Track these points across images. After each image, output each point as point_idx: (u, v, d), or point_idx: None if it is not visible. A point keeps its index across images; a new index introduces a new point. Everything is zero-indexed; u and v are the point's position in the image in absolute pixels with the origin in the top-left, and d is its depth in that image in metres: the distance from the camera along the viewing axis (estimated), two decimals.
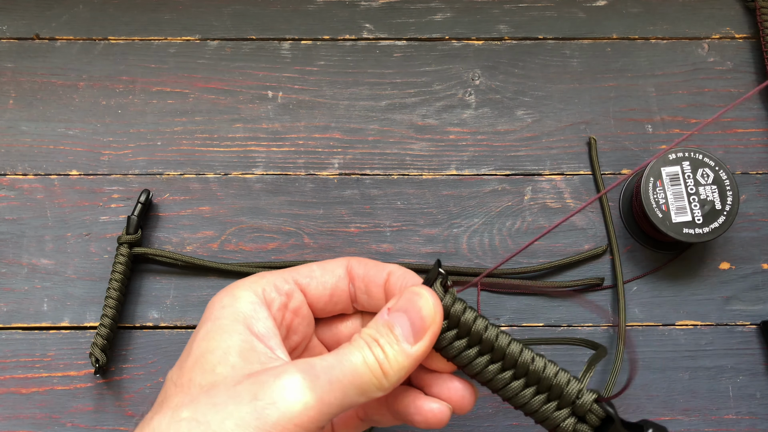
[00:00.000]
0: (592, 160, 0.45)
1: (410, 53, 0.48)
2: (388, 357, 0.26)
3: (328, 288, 0.31)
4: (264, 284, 0.29)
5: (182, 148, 0.46)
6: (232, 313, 0.28)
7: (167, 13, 0.49)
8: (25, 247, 0.44)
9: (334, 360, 0.26)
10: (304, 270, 0.31)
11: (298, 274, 0.31)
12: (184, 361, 0.27)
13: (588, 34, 0.49)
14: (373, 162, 0.46)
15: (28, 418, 0.42)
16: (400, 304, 0.27)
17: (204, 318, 0.29)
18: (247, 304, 0.28)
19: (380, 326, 0.27)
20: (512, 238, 0.45)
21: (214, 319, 0.28)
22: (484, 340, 0.27)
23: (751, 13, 0.49)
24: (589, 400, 0.25)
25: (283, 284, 0.30)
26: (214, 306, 0.29)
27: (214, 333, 0.27)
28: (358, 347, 0.26)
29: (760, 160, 0.46)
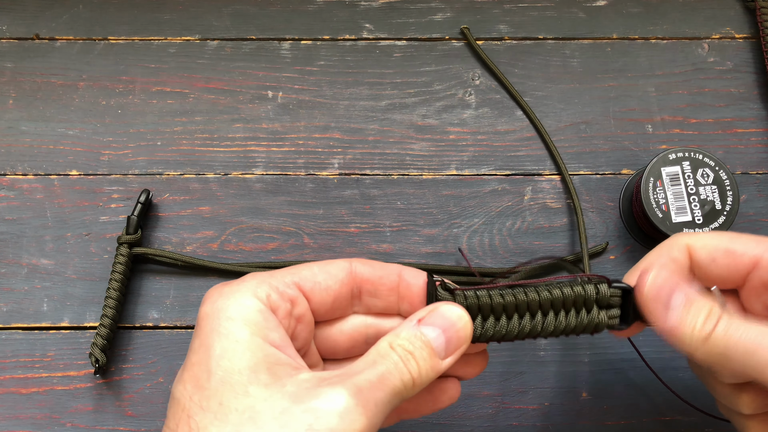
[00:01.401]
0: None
1: (410, 53, 0.48)
2: (420, 371, 0.27)
3: (332, 293, 0.30)
4: (267, 289, 0.28)
5: (182, 148, 0.46)
6: (244, 325, 0.26)
7: (167, 13, 0.49)
8: (25, 247, 0.44)
9: (374, 377, 0.25)
10: (306, 273, 0.29)
11: (301, 278, 0.29)
12: (205, 381, 0.25)
13: (588, 34, 0.49)
14: (373, 162, 0.46)
15: (28, 418, 0.42)
16: (434, 320, 0.28)
17: (208, 328, 0.26)
18: (256, 313, 0.27)
19: (414, 339, 0.27)
20: (512, 238, 0.45)
21: (226, 333, 0.26)
22: (507, 307, 0.29)
23: (751, 13, 0.49)
24: (607, 290, 0.29)
25: (287, 290, 0.28)
26: (218, 316, 0.27)
27: (234, 350, 0.26)
28: (394, 363, 0.26)
29: (760, 160, 0.46)
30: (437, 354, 0.27)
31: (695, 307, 0.27)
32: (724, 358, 0.27)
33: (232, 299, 0.27)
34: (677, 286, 0.28)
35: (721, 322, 0.27)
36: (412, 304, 0.30)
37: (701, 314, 0.27)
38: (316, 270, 0.30)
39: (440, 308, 0.28)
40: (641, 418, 0.42)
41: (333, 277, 0.29)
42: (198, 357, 0.26)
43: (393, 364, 0.26)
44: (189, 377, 0.26)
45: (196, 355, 0.26)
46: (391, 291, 0.30)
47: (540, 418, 0.42)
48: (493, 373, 0.42)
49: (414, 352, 0.27)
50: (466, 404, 0.42)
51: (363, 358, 0.27)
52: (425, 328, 0.27)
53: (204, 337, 0.26)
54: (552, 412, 0.42)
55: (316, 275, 0.29)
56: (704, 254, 0.29)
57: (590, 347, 0.43)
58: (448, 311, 0.28)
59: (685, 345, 0.27)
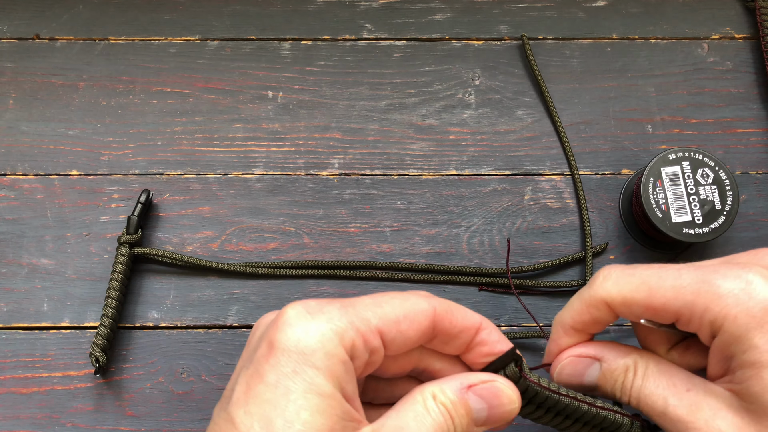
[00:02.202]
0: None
1: (410, 53, 0.48)
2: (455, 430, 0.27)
3: (409, 344, 0.27)
4: (354, 336, 0.25)
5: (182, 148, 0.46)
6: (329, 378, 0.25)
7: (167, 13, 0.49)
8: (25, 247, 0.44)
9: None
10: (390, 315, 0.27)
11: (385, 325, 0.26)
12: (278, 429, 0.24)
13: (588, 34, 0.49)
14: (373, 162, 0.46)
15: (28, 418, 0.42)
16: (483, 392, 0.27)
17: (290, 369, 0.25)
18: (341, 365, 0.25)
19: (458, 405, 0.27)
20: (512, 239, 0.45)
21: (310, 383, 0.24)
22: (557, 408, 0.30)
23: (751, 13, 0.49)
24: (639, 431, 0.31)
25: (372, 338, 0.26)
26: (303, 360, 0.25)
27: (317, 407, 0.24)
28: (438, 425, 0.26)
29: (760, 160, 0.46)
30: (475, 422, 0.27)
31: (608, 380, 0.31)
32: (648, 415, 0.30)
33: (320, 341, 0.25)
34: (582, 368, 0.31)
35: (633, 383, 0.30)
36: (476, 359, 0.29)
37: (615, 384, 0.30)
38: (400, 314, 0.27)
39: (497, 384, 0.28)
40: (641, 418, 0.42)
41: (416, 326, 0.27)
42: (273, 396, 0.24)
43: (438, 426, 0.26)
44: (259, 414, 0.24)
45: (272, 393, 0.24)
46: (464, 344, 0.29)
47: None
48: None
49: (455, 418, 0.27)
50: None
51: (410, 405, 0.26)
52: (473, 397, 0.27)
53: (283, 377, 0.24)
54: None
55: (401, 323, 0.27)
56: (626, 313, 0.30)
57: None
58: (503, 391, 0.28)
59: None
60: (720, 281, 0.27)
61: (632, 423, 0.30)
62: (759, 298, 0.26)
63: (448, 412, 0.26)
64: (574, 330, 0.31)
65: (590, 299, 0.30)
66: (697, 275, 0.28)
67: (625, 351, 0.31)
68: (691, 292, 0.27)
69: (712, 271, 0.27)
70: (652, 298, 0.28)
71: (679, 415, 0.28)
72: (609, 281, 0.29)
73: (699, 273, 0.28)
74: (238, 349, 0.43)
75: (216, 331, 0.43)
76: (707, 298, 0.27)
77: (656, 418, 0.29)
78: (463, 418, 0.27)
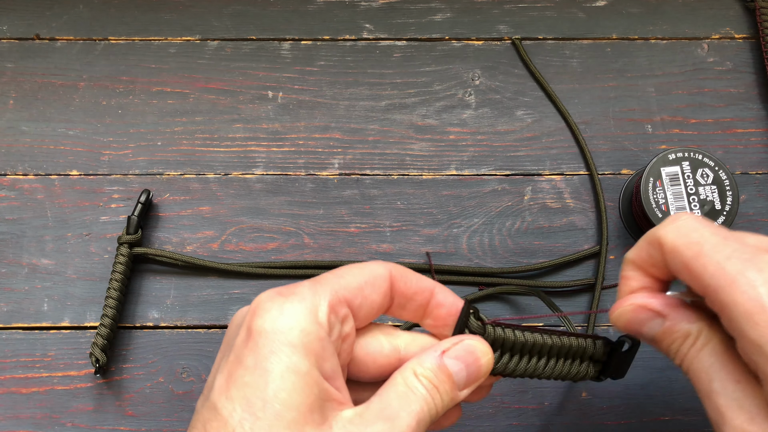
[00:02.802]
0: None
1: (410, 53, 0.48)
2: (443, 402, 0.27)
3: (375, 308, 0.28)
4: (326, 309, 0.26)
5: (182, 148, 0.46)
6: (306, 355, 0.25)
7: (167, 13, 0.49)
8: (26, 247, 0.44)
9: (413, 421, 0.26)
10: (353, 284, 0.28)
11: (350, 293, 0.27)
12: (259, 410, 0.24)
13: (588, 34, 0.49)
14: (373, 162, 0.46)
15: (28, 418, 0.42)
16: (458, 353, 0.28)
17: (267, 350, 0.25)
18: (318, 341, 0.25)
19: (438, 372, 0.28)
20: (512, 239, 0.45)
21: (288, 363, 0.25)
22: (525, 347, 0.30)
23: (751, 13, 0.49)
24: (602, 348, 0.31)
25: (341, 308, 0.27)
26: (279, 339, 0.25)
27: (294, 384, 0.25)
28: (424, 398, 0.27)
29: (760, 160, 0.46)
30: (457, 386, 0.28)
31: (665, 339, 0.29)
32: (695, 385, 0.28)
33: (295, 320, 0.25)
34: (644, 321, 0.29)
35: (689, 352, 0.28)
36: (437, 322, 0.30)
37: (672, 346, 0.28)
38: (361, 281, 0.28)
39: (466, 342, 0.29)
40: (641, 418, 0.42)
41: (377, 290, 0.28)
42: (252, 379, 0.25)
43: (423, 400, 0.27)
44: (239, 397, 0.25)
45: (251, 375, 0.25)
46: (421, 307, 0.30)
47: (540, 417, 0.42)
48: None
49: (438, 386, 0.27)
50: (466, 404, 0.42)
51: (392, 387, 0.27)
52: (449, 360, 0.28)
53: (262, 359, 0.25)
54: (552, 411, 0.42)
55: (363, 289, 0.28)
56: (668, 259, 0.28)
57: None
58: (474, 346, 0.29)
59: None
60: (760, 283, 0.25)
61: (594, 343, 0.31)
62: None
63: (431, 383, 0.27)
64: (635, 265, 0.30)
65: (650, 235, 0.29)
66: (743, 266, 0.26)
67: (694, 317, 0.28)
68: (728, 272, 0.26)
69: (758, 269, 0.26)
70: (695, 260, 0.27)
71: (719, 406, 0.26)
72: (674, 225, 0.28)
73: (745, 264, 0.26)
74: None
75: (216, 331, 0.43)
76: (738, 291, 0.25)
77: (700, 396, 0.28)
78: (446, 384, 0.27)
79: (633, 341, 0.31)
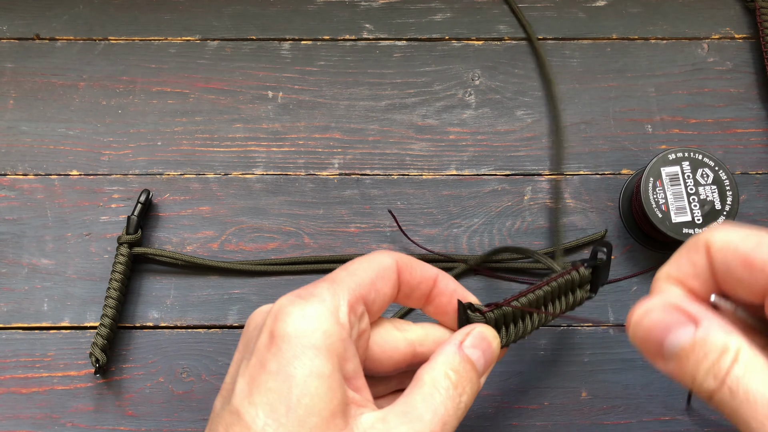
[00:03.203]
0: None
1: (410, 53, 0.48)
2: (470, 394, 0.28)
3: (387, 300, 0.29)
4: (346, 310, 0.26)
5: (182, 148, 0.46)
6: (329, 357, 0.25)
7: (167, 13, 0.49)
8: (25, 247, 0.44)
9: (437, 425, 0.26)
10: (366, 280, 0.28)
11: (364, 290, 0.28)
12: (282, 415, 0.24)
13: (588, 34, 0.49)
14: (373, 162, 0.46)
15: (28, 418, 0.42)
16: (474, 342, 0.29)
17: (291, 354, 0.25)
18: (340, 343, 0.26)
19: (465, 364, 0.28)
20: (512, 238, 0.45)
21: (311, 366, 0.25)
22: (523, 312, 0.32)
23: (751, 13, 0.49)
24: (586, 273, 0.34)
25: (358, 306, 0.27)
26: (302, 343, 0.25)
27: (318, 389, 0.25)
28: (449, 398, 0.27)
29: (760, 160, 0.46)
30: (479, 375, 0.29)
31: (696, 353, 0.22)
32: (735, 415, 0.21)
33: (317, 322, 0.25)
34: (672, 325, 0.23)
35: (733, 370, 0.22)
36: (439, 309, 0.31)
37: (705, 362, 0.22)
38: (373, 275, 0.28)
39: (478, 329, 0.29)
40: (641, 418, 0.42)
41: (388, 282, 0.29)
42: (276, 384, 0.25)
43: (450, 400, 0.27)
44: (263, 403, 0.25)
45: (274, 381, 0.25)
46: (424, 295, 0.30)
47: (540, 417, 0.42)
48: (493, 373, 0.42)
49: (466, 377, 0.28)
50: None
51: (418, 388, 0.27)
52: (468, 350, 0.29)
53: (285, 364, 0.25)
54: (552, 411, 0.42)
55: (376, 283, 0.28)
56: (720, 258, 0.24)
57: (590, 347, 0.43)
58: (486, 333, 0.30)
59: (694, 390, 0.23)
60: None
61: (578, 272, 0.33)
62: None
63: (460, 376, 0.27)
64: (671, 279, 0.26)
65: (692, 240, 0.25)
66: None
67: (729, 329, 0.23)
68: None
69: None
70: (757, 249, 0.23)
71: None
72: (718, 227, 0.25)
73: None
74: None
75: (216, 331, 0.43)
76: None
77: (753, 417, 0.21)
78: (472, 373, 0.28)
79: (607, 246, 0.33)
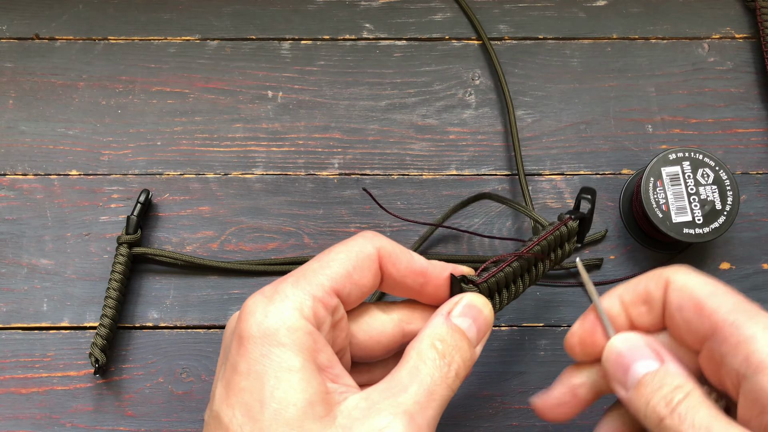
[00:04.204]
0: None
1: (410, 53, 0.48)
2: (465, 365, 0.27)
3: (365, 291, 0.28)
4: (312, 304, 0.26)
5: (182, 148, 0.46)
6: (297, 351, 0.25)
7: (167, 13, 0.49)
8: (25, 247, 0.44)
9: (423, 397, 0.26)
10: (340, 271, 0.27)
11: (337, 282, 0.27)
12: (257, 412, 0.24)
13: (588, 34, 0.49)
14: (373, 162, 0.46)
15: (27, 418, 0.42)
16: (463, 311, 0.28)
17: (258, 353, 0.25)
18: (307, 336, 0.26)
19: (453, 333, 0.28)
20: (512, 238, 0.45)
21: (279, 362, 0.25)
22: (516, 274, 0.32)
23: (751, 13, 0.49)
24: (574, 226, 0.34)
25: (329, 300, 0.27)
26: (268, 341, 0.25)
27: (289, 382, 0.25)
28: (438, 368, 0.26)
29: (760, 160, 0.46)
30: (472, 344, 0.28)
31: (656, 383, 0.26)
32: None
33: (280, 319, 0.26)
34: (642, 356, 0.26)
35: (684, 401, 0.25)
36: (432, 301, 0.30)
37: (661, 391, 0.25)
38: (348, 266, 0.28)
39: (466, 298, 0.29)
40: None
41: (366, 272, 0.28)
42: (248, 383, 0.25)
43: (437, 370, 0.26)
44: (238, 403, 0.25)
45: (246, 380, 0.25)
46: (413, 290, 0.30)
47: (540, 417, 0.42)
48: (493, 373, 0.42)
49: (457, 345, 0.27)
50: (466, 404, 0.42)
51: (404, 364, 0.26)
52: (457, 319, 0.28)
53: (253, 363, 0.25)
54: None
55: (351, 275, 0.28)
56: (674, 298, 0.27)
57: None
58: (475, 301, 0.29)
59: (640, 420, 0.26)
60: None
61: (567, 225, 0.33)
62: None
63: (449, 346, 0.27)
64: (623, 304, 0.28)
65: (653, 273, 0.28)
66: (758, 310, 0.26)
67: (687, 374, 0.26)
68: (749, 313, 0.25)
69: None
70: (710, 297, 0.26)
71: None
72: (681, 269, 0.27)
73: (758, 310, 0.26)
74: None
75: (216, 331, 0.43)
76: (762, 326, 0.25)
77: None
78: (463, 342, 0.28)
79: (591, 193, 0.33)
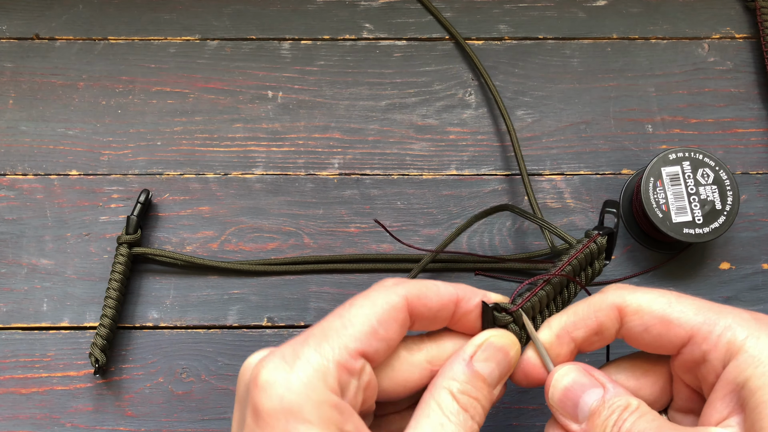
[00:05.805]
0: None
1: (410, 53, 0.48)
2: (485, 412, 0.27)
3: (393, 345, 0.27)
4: (336, 373, 0.24)
5: (182, 148, 0.46)
6: (324, 428, 0.23)
7: (167, 13, 0.49)
8: (25, 247, 0.44)
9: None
10: (366, 330, 0.25)
11: (363, 343, 0.25)
12: None
13: (588, 34, 0.49)
14: (373, 162, 0.46)
15: (27, 418, 0.42)
16: (487, 355, 0.27)
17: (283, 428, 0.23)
18: (332, 410, 0.24)
19: (474, 380, 0.27)
20: (512, 238, 0.45)
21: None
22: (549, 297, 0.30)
23: (751, 13, 0.49)
24: (603, 242, 0.32)
25: (354, 363, 0.25)
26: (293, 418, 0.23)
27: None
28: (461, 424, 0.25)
29: (760, 160, 0.46)
30: (492, 387, 0.27)
31: (605, 411, 0.26)
32: None
33: (304, 393, 0.23)
34: (585, 387, 0.27)
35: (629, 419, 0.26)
36: (465, 328, 0.29)
37: (611, 417, 0.26)
38: (373, 322, 0.26)
39: (491, 340, 0.28)
40: None
41: (393, 325, 0.26)
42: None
43: (461, 426, 0.25)
44: None
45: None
46: (446, 320, 0.28)
47: (540, 417, 0.42)
48: None
49: (477, 396, 0.26)
50: None
51: (424, 417, 0.26)
52: (479, 364, 0.27)
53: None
54: None
55: (377, 332, 0.26)
56: (637, 322, 0.27)
57: None
58: (503, 341, 0.28)
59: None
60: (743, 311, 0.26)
61: (596, 243, 0.31)
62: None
63: (469, 396, 0.26)
64: (568, 335, 0.28)
65: (601, 303, 0.28)
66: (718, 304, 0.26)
67: (628, 392, 0.28)
68: (712, 309, 0.26)
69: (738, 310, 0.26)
70: (670, 307, 0.27)
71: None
72: (624, 289, 0.28)
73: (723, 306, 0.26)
74: (238, 349, 0.43)
75: (216, 331, 0.43)
76: (731, 316, 0.26)
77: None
78: (484, 390, 0.27)
79: (615, 206, 0.33)
